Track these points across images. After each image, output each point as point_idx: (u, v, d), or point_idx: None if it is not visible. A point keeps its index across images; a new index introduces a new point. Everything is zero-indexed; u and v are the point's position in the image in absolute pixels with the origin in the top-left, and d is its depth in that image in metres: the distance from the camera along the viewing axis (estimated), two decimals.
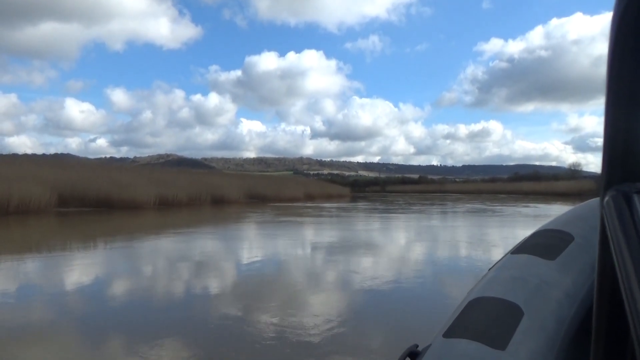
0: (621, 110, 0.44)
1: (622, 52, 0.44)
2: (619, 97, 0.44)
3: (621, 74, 0.44)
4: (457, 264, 7.21)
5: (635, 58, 0.43)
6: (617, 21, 0.44)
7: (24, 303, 4.66)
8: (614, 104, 0.45)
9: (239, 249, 9.14)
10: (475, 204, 29.56)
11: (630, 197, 0.43)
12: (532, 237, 1.03)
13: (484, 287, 0.90)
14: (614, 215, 0.42)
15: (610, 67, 0.45)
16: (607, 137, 0.45)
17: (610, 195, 0.44)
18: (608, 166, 0.46)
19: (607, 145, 0.45)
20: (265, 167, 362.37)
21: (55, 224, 14.29)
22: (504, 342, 0.75)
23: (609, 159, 0.46)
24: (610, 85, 0.45)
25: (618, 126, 0.45)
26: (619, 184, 0.45)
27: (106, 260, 7.53)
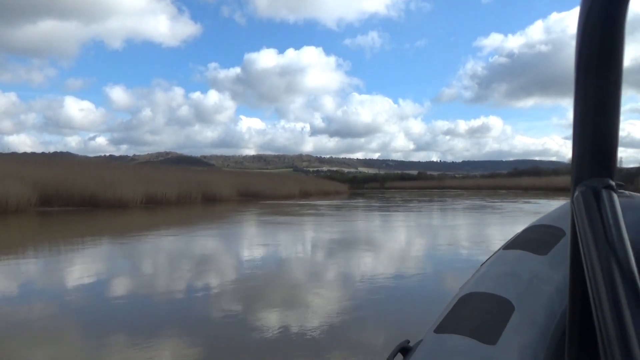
0: (589, 108, 0.45)
1: (588, 51, 0.44)
2: (586, 96, 0.45)
3: (588, 73, 0.44)
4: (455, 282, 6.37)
5: (602, 56, 0.43)
6: (583, 19, 0.44)
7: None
8: (581, 102, 0.45)
9: (182, 258, 8.31)
10: (474, 200, 28.87)
11: (598, 192, 0.43)
12: (524, 233, 1.04)
13: (475, 282, 0.91)
14: (582, 210, 0.43)
15: (578, 66, 0.45)
16: (575, 134, 0.46)
17: (580, 190, 0.45)
18: (577, 162, 0.46)
19: (576, 142, 0.46)
20: (264, 165, 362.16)
21: (28, 224, 13.60)
22: (494, 337, 0.75)
23: (577, 155, 0.46)
24: (578, 83, 0.45)
25: (586, 123, 0.45)
26: (587, 179, 0.45)
27: (52, 266, 6.86)
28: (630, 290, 0.35)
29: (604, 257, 0.38)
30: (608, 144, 0.44)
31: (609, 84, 0.44)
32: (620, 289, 0.36)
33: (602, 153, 0.45)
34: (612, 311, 0.35)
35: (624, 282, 0.36)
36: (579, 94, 0.45)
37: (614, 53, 0.43)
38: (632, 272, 0.37)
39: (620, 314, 0.34)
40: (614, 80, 0.43)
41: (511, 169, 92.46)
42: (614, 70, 0.43)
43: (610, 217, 0.41)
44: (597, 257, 0.39)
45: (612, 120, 0.44)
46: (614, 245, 0.39)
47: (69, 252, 8.25)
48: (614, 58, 0.43)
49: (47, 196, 18.34)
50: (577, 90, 0.46)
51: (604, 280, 0.37)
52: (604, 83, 0.44)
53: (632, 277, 0.36)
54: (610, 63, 0.43)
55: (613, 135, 0.44)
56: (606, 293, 0.36)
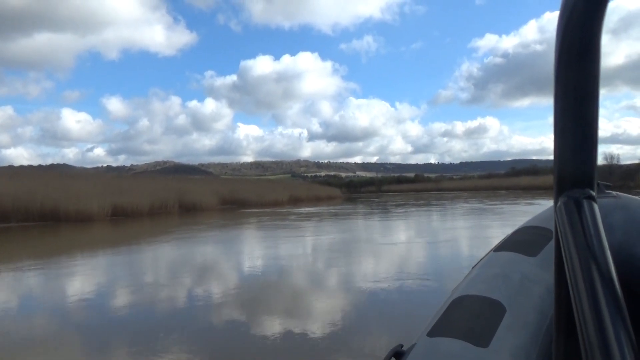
0: (568, 120, 0.45)
1: (568, 61, 0.44)
2: (565, 107, 0.45)
3: (567, 85, 0.45)
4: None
5: (581, 67, 0.44)
6: (562, 29, 0.45)
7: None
8: (561, 114, 0.46)
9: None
10: (473, 202, 27.17)
11: (580, 203, 0.45)
12: (514, 235, 1.04)
13: (467, 285, 0.91)
14: (565, 220, 0.44)
15: (557, 78, 0.46)
16: (556, 145, 0.47)
17: (562, 201, 0.46)
18: (558, 173, 0.47)
19: (557, 153, 0.47)
20: (262, 171, 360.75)
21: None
22: (487, 339, 0.75)
23: (559, 167, 0.47)
24: (557, 94, 0.46)
25: (566, 135, 0.46)
26: (569, 190, 0.46)
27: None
28: (610, 297, 0.37)
29: (585, 266, 0.39)
30: (587, 156, 0.45)
31: (586, 98, 0.44)
32: (601, 295, 0.37)
33: (582, 165, 0.46)
34: (593, 316, 0.36)
35: (605, 288, 0.37)
36: (558, 107, 0.46)
37: (591, 63, 0.43)
38: (612, 279, 0.38)
39: (601, 319, 0.35)
40: (591, 94, 0.44)
41: (508, 169, 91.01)
42: (590, 83, 0.44)
43: (591, 227, 0.42)
44: (579, 265, 0.40)
45: (591, 133, 0.45)
46: (595, 254, 0.40)
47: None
48: (591, 69, 0.43)
49: (4, 211, 16.74)
50: (555, 104, 0.46)
51: (585, 287, 0.38)
52: (581, 98, 0.44)
53: (612, 284, 0.38)
54: (587, 74, 0.44)
55: (592, 147, 0.45)
56: (587, 299, 0.37)
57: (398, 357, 0.77)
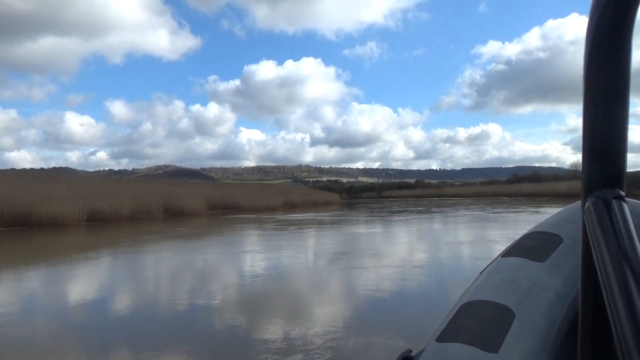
0: (598, 119, 0.45)
1: (598, 61, 0.44)
2: (595, 107, 0.45)
3: (597, 83, 0.45)
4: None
5: (611, 65, 0.44)
6: (592, 28, 0.44)
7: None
8: (590, 114, 0.46)
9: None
10: (475, 210, 25.95)
11: (609, 203, 0.44)
12: (522, 240, 1.04)
13: (475, 290, 0.91)
14: (594, 220, 0.44)
15: (587, 75, 0.45)
16: (585, 146, 0.46)
17: (591, 201, 0.46)
18: (587, 173, 0.47)
19: (586, 153, 0.47)
20: (264, 176, 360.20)
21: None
22: (496, 345, 0.75)
23: (587, 167, 0.47)
24: (587, 94, 0.46)
25: (595, 136, 0.46)
26: (598, 190, 0.46)
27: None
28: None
29: (618, 266, 0.39)
30: (617, 156, 0.45)
31: (616, 98, 0.44)
32: (635, 295, 0.36)
33: (611, 165, 0.45)
34: (628, 316, 0.36)
35: (638, 287, 0.37)
36: (588, 106, 0.45)
37: (621, 63, 0.43)
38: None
39: (636, 318, 0.35)
40: (621, 94, 0.44)
41: (510, 176, 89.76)
42: (620, 83, 0.44)
43: (622, 227, 0.42)
44: (612, 266, 0.39)
45: (620, 133, 0.45)
46: (627, 254, 0.40)
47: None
48: (621, 70, 0.43)
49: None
50: (585, 105, 0.46)
51: (619, 287, 0.37)
52: (611, 98, 0.44)
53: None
54: (617, 75, 0.44)
55: (621, 147, 0.45)
56: (622, 301, 0.37)
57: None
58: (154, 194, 22.76)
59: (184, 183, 36.35)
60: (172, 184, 32.78)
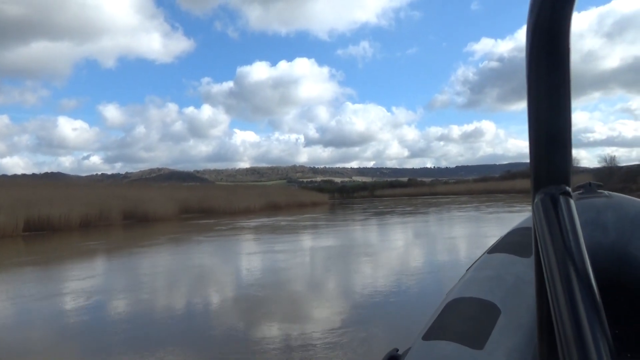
0: (542, 118, 0.46)
1: (537, 59, 0.45)
2: (538, 105, 0.46)
3: (539, 82, 0.45)
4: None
5: (552, 64, 0.44)
6: (531, 27, 0.45)
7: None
8: (534, 112, 0.47)
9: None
10: (468, 209, 24.05)
11: (556, 199, 0.45)
12: (507, 236, 1.04)
13: (461, 288, 0.91)
14: (542, 216, 0.45)
15: (529, 77, 0.46)
16: (531, 143, 0.48)
17: (539, 197, 0.47)
18: (535, 171, 0.48)
19: (533, 151, 0.48)
20: (258, 177, 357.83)
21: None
22: (481, 341, 0.76)
23: (535, 163, 0.48)
24: (530, 93, 0.46)
25: (540, 133, 0.47)
26: (545, 186, 0.47)
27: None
28: (586, 292, 0.37)
29: (562, 262, 0.40)
30: (562, 153, 0.46)
31: (558, 96, 0.45)
32: (577, 291, 0.37)
33: (557, 161, 0.46)
34: (569, 313, 0.36)
35: (581, 284, 0.37)
36: (531, 105, 0.47)
37: (561, 61, 0.44)
38: (587, 275, 0.38)
39: (577, 316, 0.36)
40: (563, 93, 0.45)
41: (504, 172, 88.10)
42: (561, 81, 0.44)
43: (567, 222, 0.43)
44: (556, 261, 0.40)
45: (564, 129, 0.45)
46: (571, 249, 0.40)
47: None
48: (561, 67, 0.44)
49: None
50: (529, 101, 0.47)
51: (562, 282, 0.38)
52: (553, 96, 0.45)
53: (588, 280, 0.38)
54: (557, 73, 0.44)
55: (566, 144, 0.46)
56: (563, 295, 0.37)
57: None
58: (115, 198, 20.70)
59: (157, 186, 34.22)
60: (144, 187, 30.64)
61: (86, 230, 17.10)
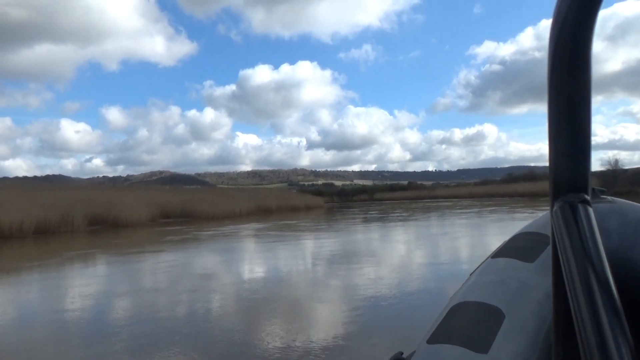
0: (562, 127, 0.46)
1: (560, 70, 0.45)
2: (559, 114, 0.46)
3: (560, 91, 0.46)
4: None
5: (573, 74, 0.45)
6: (553, 40, 0.45)
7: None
8: (554, 120, 0.47)
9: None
10: (470, 215, 22.22)
11: (575, 207, 0.46)
12: (511, 241, 1.05)
13: (465, 292, 0.91)
14: (561, 224, 0.45)
15: (550, 85, 0.46)
16: (551, 151, 0.48)
17: (558, 205, 0.47)
18: (554, 179, 0.48)
19: (552, 159, 0.48)
20: (259, 180, 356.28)
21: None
22: (486, 345, 0.76)
23: (554, 172, 0.48)
24: (551, 101, 0.47)
25: (560, 141, 0.47)
26: (564, 194, 0.47)
27: None
28: (607, 299, 0.37)
29: (582, 269, 0.40)
30: (581, 161, 0.46)
31: (579, 104, 0.45)
32: (598, 298, 0.37)
33: (576, 170, 0.47)
34: (591, 319, 0.36)
35: (602, 291, 0.38)
36: (552, 113, 0.47)
37: (582, 71, 0.44)
38: (608, 281, 0.39)
39: (599, 321, 0.36)
40: (583, 101, 0.45)
41: (505, 175, 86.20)
42: (582, 90, 0.45)
43: (587, 230, 0.43)
44: (576, 268, 0.41)
45: (584, 138, 0.46)
46: (591, 256, 0.41)
47: None
48: (583, 77, 0.44)
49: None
50: (549, 111, 0.47)
51: (583, 290, 0.39)
52: (574, 104, 0.45)
53: (609, 287, 0.38)
54: (579, 82, 0.45)
55: (586, 153, 0.46)
56: (585, 302, 0.38)
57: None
58: (82, 202, 18.96)
59: (134, 189, 32.48)
60: (118, 190, 28.88)
61: (45, 237, 15.37)
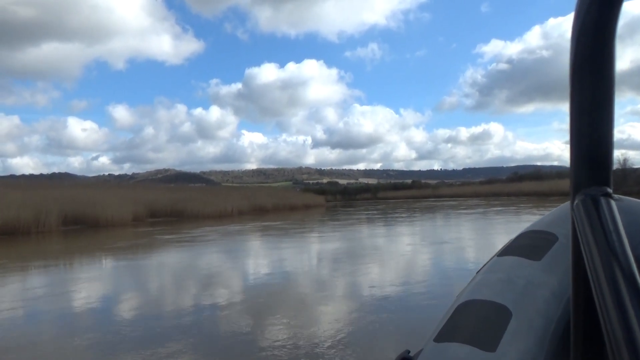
0: (584, 118, 0.46)
1: (582, 60, 0.45)
2: (581, 105, 0.46)
3: (583, 83, 0.46)
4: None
5: (597, 66, 0.44)
6: (577, 30, 0.45)
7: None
8: (577, 112, 0.46)
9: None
10: (475, 215, 21.04)
11: (597, 200, 0.45)
12: (518, 239, 1.05)
13: (472, 290, 0.91)
14: (583, 218, 0.45)
15: (572, 76, 0.46)
16: (573, 144, 0.48)
17: (579, 199, 0.47)
18: (575, 172, 0.48)
19: (574, 152, 0.48)
20: (264, 179, 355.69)
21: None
22: (493, 344, 0.76)
23: (575, 164, 0.48)
24: (573, 94, 0.46)
25: (582, 134, 0.46)
26: (586, 187, 0.47)
27: None
28: (633, 294, 0.36)
29: (607, 263, 0.39)
30: (604, 153, 0.46)
31: (602, 96, 0.45)
32: (624, 292, 0.37)
33: (598, 162, 0.46)
34: (617, 314, 0.36)
35: (627, 285, 0.37)
36: (574, 105, 0.47)
37: (606, 63, 0.44)
38: (634, 275, 0.38)
39: (626, 316, 0.35)
40: (607, 92, 0.45)
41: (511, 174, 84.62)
42: (606, 82, 0.45)
43: (610, 224, 0.43)
44: (600, 262, 0.40)
45: (607, 131, 0.45)
46: (615, 250, 0.40)
47: None
48: (606, 68, 0.44)
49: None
50: (572, 101, 0.47)
51: (608, 284, 0.38)
52: (598, 94, 0.45)
53: (635, 281, 0.37)
54: (602, 74, 0.44)
55: (608, 145, 0.46)
56: (611, 297, 0.37)
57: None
58: (57, 201, 17.92)
59: (118, 187, 31.40)
60: (101, 187, 27.81)
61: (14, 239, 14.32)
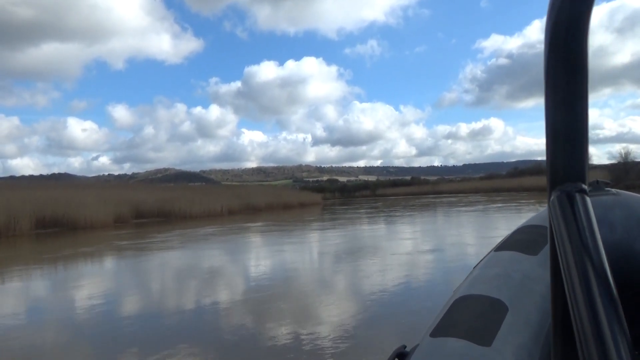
0: (559, 115, 0.46)
1: (555, 58, 0.45)
2: (556, 102, 0.46)
3: (556, 79, 0.46)
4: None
5: (570, 61, 0.45)
6: (550, 26, 0.45)
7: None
8: (552, 108, 0.47)
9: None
10: (476, 211, 20.12)
11: (572, 196, 0.45)
12: (515, 234, 1.05)
13: (469, 285, 0.91)
14: (558, 214, 0.45)
15: (546, 72, 0.46)
16: (548, 141, 0.48)
17: (555, 195, 0.47)
18: (551, 168, 0.48)
19: (549, 148, 0.48)
20: (264, 177, 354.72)
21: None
22: (489, 338, 0.76)
23: (551, 161, 0.48)
24: (548, 90, 0.47)
25: (557, 130, 0.47)
26: (561, 184, 0.47)
27: None
28: (604, 289, 0.37)
29: (579, 258, 0.40)
30: (579, 150, 0.46)
31: (576, 93, 0.45)
32: (595, 288, 0.37)
33: (573, 158, 0.46)
34: (587, 310, 0.36)
35: (598, 281, 0.37)
36: (548, 102, 0.47)
37: (579, 60, 0.44)
38: (605, 271, 0.38)
39: (596, 312, 0.35)
40: (580, 89, 0.45)
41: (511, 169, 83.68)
42: (579, 78, 0.45)
43: (584, 219, 0.43)
44: (573, 258, 0.40)
45: (581, 127, 0.45)
46: (588, 246, 0.40)
47: None
48: (579, 65, 0.44)
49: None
50: (546, 98, 0.47)
51: (579, 280, 0.38)
52: (571, 93, 0.45)
53: (606, 277, 0.38)
54: (576, 70, 0.44)
55: (583, 141, 0.46)
56: (582, 292, 0.37)
57: (401, 358, 0.76)
58: (31, 202, 17.00)
59: (100, 187, 30.43)
60: (80, 187, 26.82)
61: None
